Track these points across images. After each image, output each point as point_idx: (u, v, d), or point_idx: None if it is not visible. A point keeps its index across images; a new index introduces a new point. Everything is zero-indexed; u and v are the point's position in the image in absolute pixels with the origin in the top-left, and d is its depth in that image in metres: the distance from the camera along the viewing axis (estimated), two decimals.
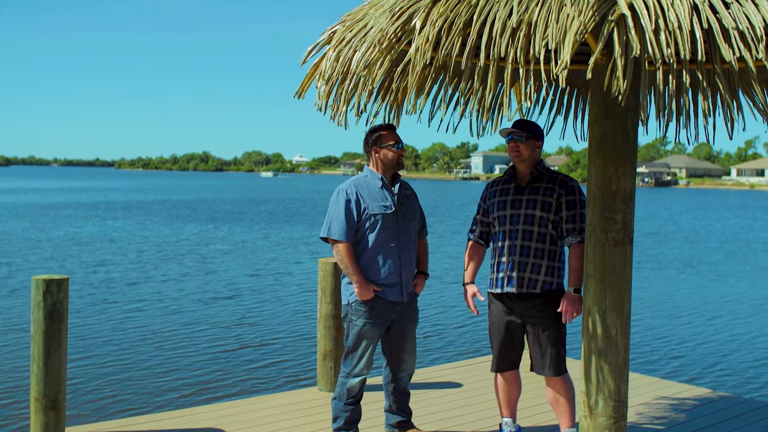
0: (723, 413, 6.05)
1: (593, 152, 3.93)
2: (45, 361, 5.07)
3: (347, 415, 5.03)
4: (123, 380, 9.70)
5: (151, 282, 17.92)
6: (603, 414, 3.97)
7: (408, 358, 5.19)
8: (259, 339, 12.21)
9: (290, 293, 16.75)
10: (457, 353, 11.29)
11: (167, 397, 9.05)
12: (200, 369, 10.35)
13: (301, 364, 10.68)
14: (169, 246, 26.44)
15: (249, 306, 15.10)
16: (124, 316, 13.78)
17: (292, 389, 8.73)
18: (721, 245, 30.49)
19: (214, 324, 13.31)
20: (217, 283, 18.07)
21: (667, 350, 12.09)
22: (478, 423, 5.69)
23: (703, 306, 16.28)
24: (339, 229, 4.88)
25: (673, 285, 19.26)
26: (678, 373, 10.60)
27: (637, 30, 2.97)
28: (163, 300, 15.54)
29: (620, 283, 3.92)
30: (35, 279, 5.07)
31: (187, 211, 47.54)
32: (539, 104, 5.27)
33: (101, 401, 8.86)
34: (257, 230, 34.08)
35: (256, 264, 21.82)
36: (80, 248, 25.05)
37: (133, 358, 10.78)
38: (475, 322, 13.16)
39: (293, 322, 13.63)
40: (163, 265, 20.96)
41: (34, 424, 5.13)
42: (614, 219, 3.88)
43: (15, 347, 11.09)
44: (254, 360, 10.90)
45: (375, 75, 3.59)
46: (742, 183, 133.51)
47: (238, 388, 9.47)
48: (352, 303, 4.95)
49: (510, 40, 3.11)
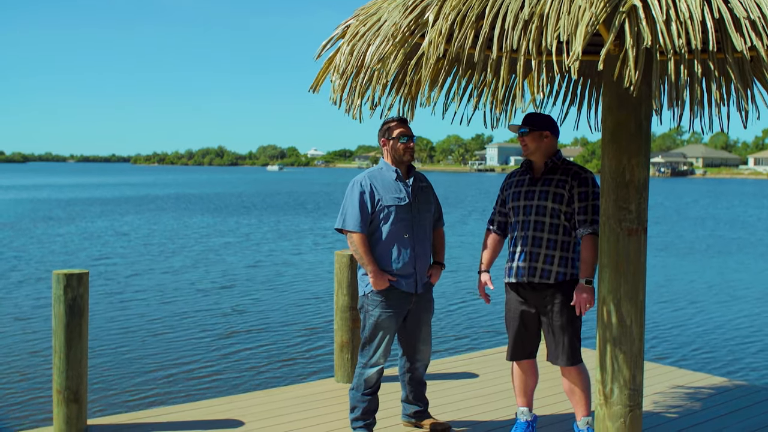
0: (739, 402, 6.06)
1: (607, 142, 3.95)
2: (66, 354, 5.15)
3: (365, 405, 5.08)
4: (143, 372, 9.81)
5: (169, 275, 18.04)
6: (618, 402, 4.00)
7: (423, 348, 5.23)
8: (277, 331, 12.29)
9: (308, 286, 16.83)
10: (473, 344, 11.33)
11: (187, 389, 9.14)
12: (218, 361, 10.44)
13: (318, 355, 10.76)
14: (182, 239, 26.60)
15: (266, 298, 15.19)
16: (142, 309, 13.89)
17: (309, 381, 8.80)
18: (729, 233, 30.37)
19: (232, 316, 13.41)
20: (233, 275, 18.18)
21: (682, 339, 12.08)
22: (495, 413, 5.73)
23: (717, 293, 16.23)
24: (353, 221, 4.94)
25: (686, 272, 19.21)
26: (694, 362, 10.60)
27: (648, 21, 2.99)
28: (182, 293, 15.65)
29: (634, 272, 3.94)
30: (56, 273, 5.14)
31: (199, 204, 47.79)
32: (553, 95, 5.29)
33: (122, 393, 8.96)
34: (272, 222, 34.20)
35: (271, 256, 21.92)
36: (92, 242, 25.25)
37: (152, 351, 10.89)
38: (491, 312, 13.19)
39: (310, 313, 13.71)
40: (179, 259, 21.09)
41: (56, 416, 5.22)
42: (628, 209, 3.91)
43: (39, 342, 11.22)
44: (272, 352, 10.98)
45: (389, 68, 3.63)
46: (759, 172, 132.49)
47: (256, 380, 9.55)
48: (368, 294, 5.00)
49: (522, 32, 3.13)
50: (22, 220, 34.59)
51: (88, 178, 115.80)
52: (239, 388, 9.04)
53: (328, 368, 9.44)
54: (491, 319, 12.96)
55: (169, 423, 5.49)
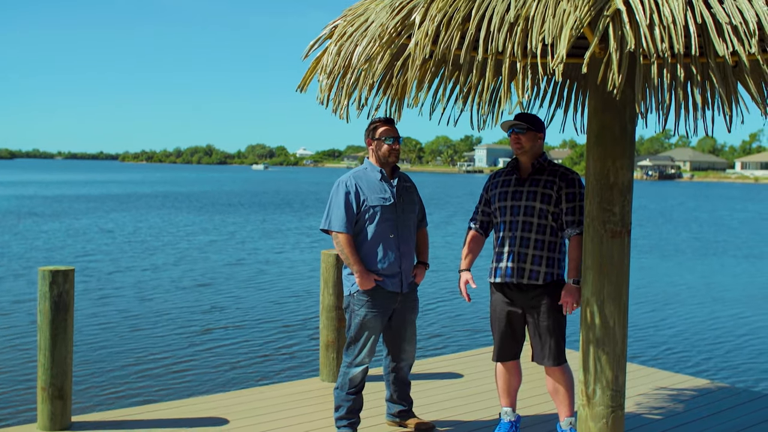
0: (721, 403, 6.11)
1: (591, 145, 3.98)
2: (51, 350, 5.15)
3: (349, 404, 5.09)
4: (128, 370, 9.79)
5: (151, 272, 18.00)
6: (601, 403, 4.03)
7: (408, 348, 5.25)
8: (262, 330, 12.28)
9: (293, 285, 16.83)
10: (457, 344, 11.36)
11: (172, 387, 9.13)
12: (204, 359, 10.43)
13: (303, 354, 10.76)
14: (167, 237, 26.54)
15: (251, 297, 15.18)
16: (127, 306, 13.86)
17: (294, 380, 8.80)
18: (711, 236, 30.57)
19: (217, 315, 13.39)
20: (217, 273, 18.16)
21: (665, 341, 12.15)
22: (479, 413, 5.76)
23: (700, 295, 16.33)
24: (339, 221, 4.95)
25: (669, 273, 19.32)
26: (677, 364, 10.66)
27: (632, 24, 3.02)
28: (167, 291, 15.62)
29: (618, 274, 3.97)
30: (42, 270, 5.14)
31: (185, 202, 47.68)
32: (539, 97, 5.32)
33: (107, 390, 8.94)
34: (258, 221, 34.16)
35: (256, 255, 21.90)
36: (76, 239, 25.15)
37: (137, 349, 10.86)
38: (475, 313, 13.22)
39: (296, 313, 13.71)
40: (162, 257, 21.03)
41: (41, 412, 5.21)
42: (612, 211, 3.94)
43: (21, 338, 11.18)
44: (257, 351, 10.97)
45: (375, 69, 3.65)
46: (746, 176, 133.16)
47: (241, 379, 9.55)
48: (353, 293, 5.02)
49: (508, 35, 3.16)
50: (6, 216, 34.41)
51: (76, 175, 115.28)
52: (223, 387, 9.04)
53: (313, 368, 9.45)
54: (475, 320, 12.99)
55: (153, 420, 5.49)
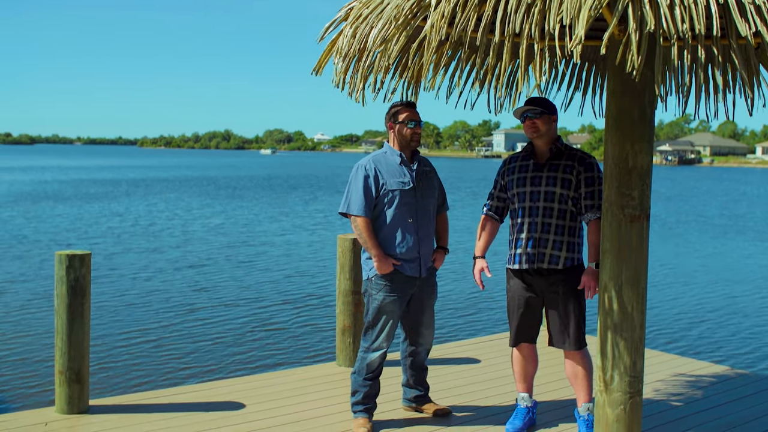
0: (740, 390, 6.06)
1: (610, 128, 3.93)
2: (69, 334, 5.17)
3: (366, 389, 5.08)
4: (145, 354, 9.85)
5: (173, 258, 18.08)
6: (618, 389, 4.00)
7: (426, 332, 5.23)
8: (279, 314, 12.32)
9: (311, 269, 16.85)
10: (475, 329, 11.34)
11: (189, 371, 9.18)
12: (221, 343, 10.48)
13: (320, 339, 10.78)
14: (186, 223, 26.64)
15: (268, 282, 15.22)
16: (145, 291, 13.94)
17: (311, 364, 8.82)
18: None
19: (235, 299, 13.44)
20: (235, 259, 18.20)
21: (685, 328, 12.07)
22: (495, 398, 5.74)
23: (722, 282, 16.20)
24: (358, 205, 4.92)
25: (689, 258, 19.18)
26: (696, 350, 10.59)
27: (652, 5, 2.96)
28: (185, 276, 15.69)
29: (636, 258, 3.93)
30: (58, 254, 5.15)
31: (209, 188, 47.87)
32: (557, 80, 5.25)
33: (124, 374, 9.00)
34: (273, 207, 34.21)
35: (273, 239, 21.93)
36: (94, 223, 25.31)
37: (154, 333, 10.92)
38: (492, 298, 13.18)
39: (313, 297, 13.73)
40: (183, 242, 21.13)
41: (58, 396, 5.24)
42: (631, 195, 3.89)
43: (39, 321, 11.26)
44: (274, 335, 11.01)
45: (391, 51, 3.60)
46: (766, 161, 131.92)
47: (258, 363, 9.59)
48: (372, 277, 5.00)
49: (525, 16, 3.10)
50: (23, 200, 34.68)
51: (94, 160, 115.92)
52: (240, 371, 9.07)
53: (330, 352, 9.47)
54: (493, 305, 12.96)
55: (170, 404, 5.51)
